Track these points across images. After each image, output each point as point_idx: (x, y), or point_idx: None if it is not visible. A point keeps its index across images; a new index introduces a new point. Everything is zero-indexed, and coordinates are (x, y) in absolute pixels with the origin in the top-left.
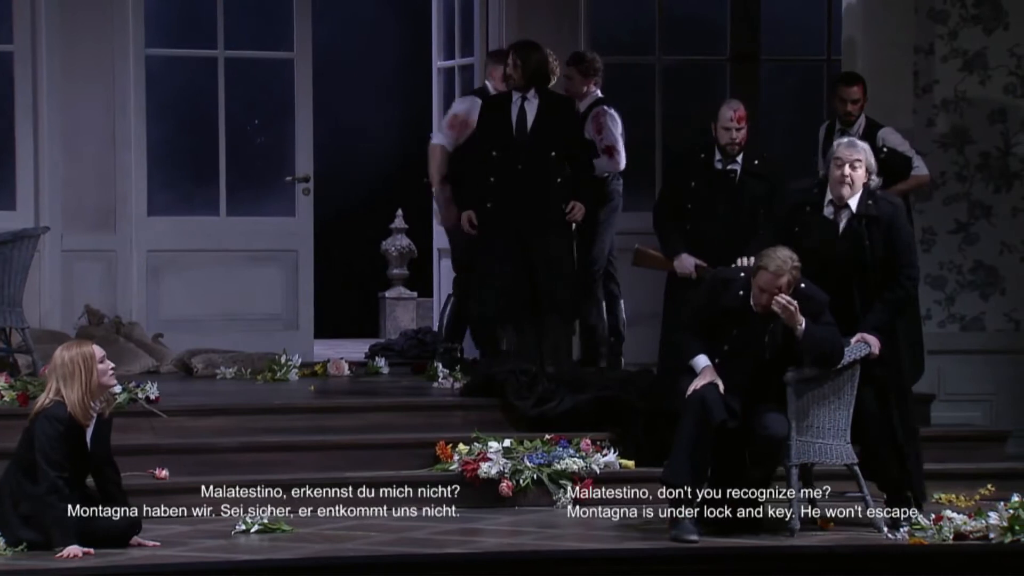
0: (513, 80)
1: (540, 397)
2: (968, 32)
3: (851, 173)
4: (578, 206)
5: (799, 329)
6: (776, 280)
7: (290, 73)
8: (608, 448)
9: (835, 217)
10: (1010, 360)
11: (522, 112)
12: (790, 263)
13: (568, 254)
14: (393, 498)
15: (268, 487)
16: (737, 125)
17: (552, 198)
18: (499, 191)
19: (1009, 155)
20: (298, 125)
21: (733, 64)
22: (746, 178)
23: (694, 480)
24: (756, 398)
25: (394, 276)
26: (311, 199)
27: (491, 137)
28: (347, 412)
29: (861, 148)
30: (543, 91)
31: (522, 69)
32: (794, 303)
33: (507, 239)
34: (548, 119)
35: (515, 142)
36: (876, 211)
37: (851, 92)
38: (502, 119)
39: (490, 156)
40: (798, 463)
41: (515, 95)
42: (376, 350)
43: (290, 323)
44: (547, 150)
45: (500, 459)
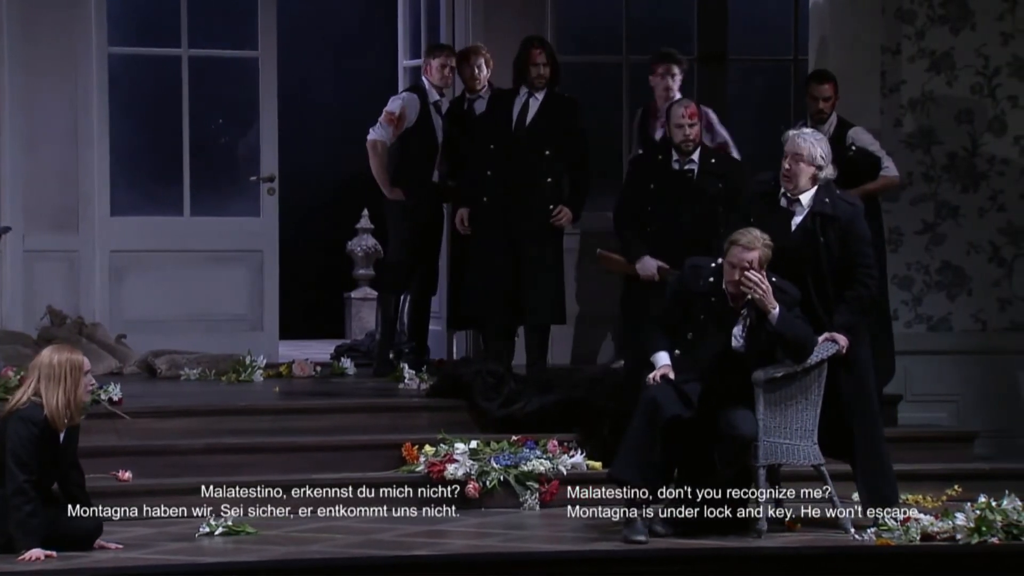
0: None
1: (507, 398)
2: (935, 32)
3: (792, 166)
4: (565, 211)
5: (772, 313)
6: (747, 254)
7: (255, 72)
8: (575, 449)
9: (789, 208)
10: (977, 361)
11: (524, 108)
12: (762, 239)
13: (554, 256)
14: (359, 500)
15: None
16: (689, 122)
17: (540, 198)
18: (494, 186)
19: (976, 155)
20: (263, 124)
21: (700, 64)
22: (704, 177)
23: (643, 478)
24: (724, 392)
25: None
26: (276, 199)
27: (491, 131)
28: (312, 413)
29: (802, 143)
30: (551, 91)
31: (552, 65)
32: (766, 282)
33: (496, 236)
34: (548, 117)
35: (512, 137)
36: (832, 210)
37: (822, 90)
38: (504, 113)
39: (488, 149)
40: (766, 464)
41: (522, 90)
42: (342, 351)
43: (255, 324)
44: (542, 148)
45: (466, 460)
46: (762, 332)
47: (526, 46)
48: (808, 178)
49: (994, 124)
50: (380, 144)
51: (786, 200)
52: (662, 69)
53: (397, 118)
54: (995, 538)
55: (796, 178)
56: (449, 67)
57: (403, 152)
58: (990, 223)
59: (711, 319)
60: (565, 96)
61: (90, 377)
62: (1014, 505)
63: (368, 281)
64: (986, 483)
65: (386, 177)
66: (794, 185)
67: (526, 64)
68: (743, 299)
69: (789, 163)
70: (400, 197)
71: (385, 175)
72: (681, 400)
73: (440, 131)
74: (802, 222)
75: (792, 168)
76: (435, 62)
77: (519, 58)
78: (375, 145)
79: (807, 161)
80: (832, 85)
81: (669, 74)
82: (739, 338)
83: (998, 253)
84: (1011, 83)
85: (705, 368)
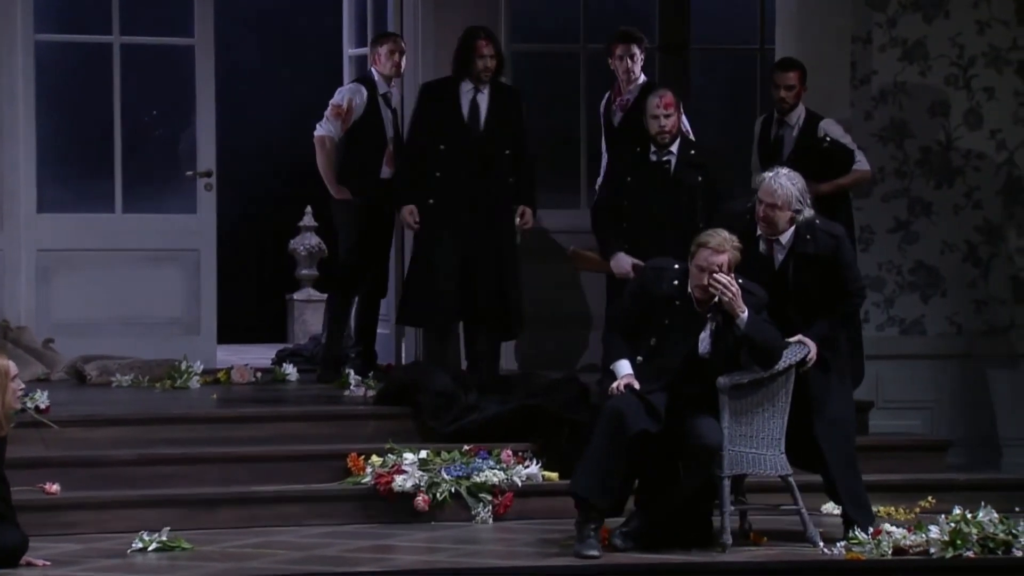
0: (489, 71)
1: (457, 415)
2: (907, 20)
3: (768, 214)
4: (528, 212)
5: (741, 317)
6: (716, 257)
7: (191, 61)
8: (531, 459)
9: (769, 252)
10: (952, 365)
11: (475, 105)
12: (731, 241)
13: (514, 262)
14: (301, 513)
15: (167, 502)
16: (665, 112)
17: (505, 199)
18: (446, 188)
19: (951, 149)
20: (199, 116)
21: (662, 54)
22: (682, 169)
23: (605, 495)
24: (688, 401)
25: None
26: (214, 195)
27: (438, 129)
28: (252, 422)
29: (779, 189)
30: (494, 82)
31: (499, 57)
32: (735, 285)
33: (449, 240)
34: (501, 113)
35: (468, 137)
36: (815, 249)
37: (786, 78)
38: (451, 110)
39: (437, 150)
40: (731, 474)
41: (466, 85)
42: (283, 356)
43: (191, 327)
44: (502, 148)
45: (415, 471)
46: (730, 336)
47: (471, 37)
48: (786, 222)
49: (969, 117)
50: (328, 140)
51: (764, 244)
52: (621, 50)
53: (345, 111)
54: (970, 552)
55: (774, 225)
56: (398, 55)
57: (350, 147)
58: (965, 221)
59: (676, 324)
60: (509, 87)
61: (19, 382)
62: (990, 517)
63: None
64: (961, 494)
65: (333, 175)
66: (772, 231)
67: (471, 56)
68: (710, 303)
69: (765, 211)
70: (347, 196)
71: (332, 173)
72: (647, 412)
73: (390, 125)
74: (783, 263)
75: (768, 215)
76: (383, 50)
77: (463, 49)
78: (323, 141)
79: (783, 207)
80: (798, 74)
81: (629, 55)
82: (706, 344)
83: (974, 252)
84: (987, 74)
85: (670, 376)
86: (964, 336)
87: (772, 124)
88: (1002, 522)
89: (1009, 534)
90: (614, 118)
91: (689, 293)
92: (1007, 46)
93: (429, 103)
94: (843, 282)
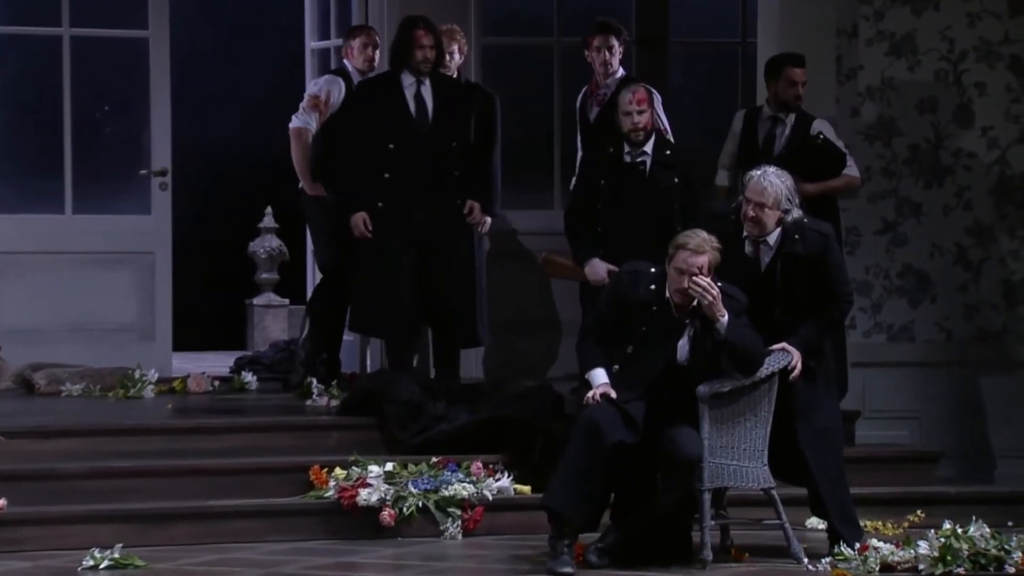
0: (429, 62)
1: (426, 425)
2: (895, 13)
3: (757, 213)
4: (477, 207)
5: (721, 322)
6: (696, 258)
7: (145, 54)
8: (502, 472)
9: (755, 254)
10: (941, 374)
11: (420, 99)
12: (710, 242)
13: (471, 259)
14: (261, 529)
15: (120, 518)
16: (638, 108)
17: (453, 196)
18: (395, 189)
19: (940, 148)
20: (154, 112)
21: (639, 47)
22: (657, 169)
23: (577, 508)
24: (667, 410)
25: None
26: (169, 195)
27: (386, 127)
28: (209, 433)
29: (768, 187)
30: (435, 73)
31: (439, 48)
32: (716, 288)
33: (403, 243)
34: (447, 105)
35: (417, 133)
36: (803, 248)
37: (800, 74)
38: (396, 106)
39: (386, 149)
40: (711, 487)
41: (407, 79)
42: (242, 364)
43: (145, 334)
44: (448, 141)
45: (381, 485)
46: (709, 342)
47: (409, 27)
48: (774, 222)
49: (960, 114)
50: (305, 132)
51: (750, 245)
52: (598, 41)
53: (323, 102)
54: (961, 568)
55: (762, 225)
56: (372, 48)
57: (327, 142)
58: (956, 222)
59: (653, 330)
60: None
61: None
62: (981, 532)
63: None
64: (951, 508)
65: (308, 169)
66: (759, 231)
67: (409, 47)
68: (688, 307)
69: (753, 210)
70: (320, 192)
71: (308, 167)
72: (625, 422)
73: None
74: (770, 264)
75: (756, 215)
76: (356, 43)
77: (401, 40)
78: (299, 133)
79: (772, 207)
80: (805, 71)
81: (607, 47)
82: (685, 351)
83: (964, 255)
84: (978, 69)
85: (649, 384)
86: (954, 343)
87: (759, 120)
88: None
89: (1001, 550)
90: (590, 113)
91: (667, 298)
92: (999, 39)
93: (370, 102)
94: (830, 284)
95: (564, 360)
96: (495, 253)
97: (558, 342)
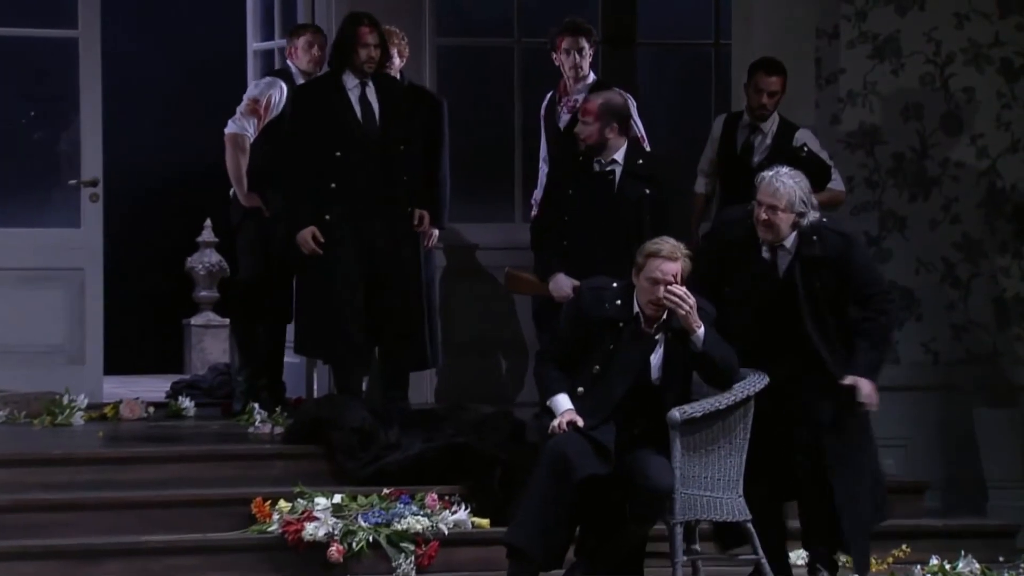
0: (373, 61)
1: (377, 455)
2: (879, 13)
3: (770, 217)
4: (427, 216)
5: (697, 333)
6: (671, 266)
7: (74, 55)
8: (458, 504)
9: (772, 258)
10: (928, 398)
11: (365, 101)
12: (681, 248)
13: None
14: (200, 565)
15: (46, 554)
16: (583, 119)
17: (403, 205)
18: (344, 199)
19: (926, 157)
20: (84, 118)
21: (605, 48)
22: (627, 180)
23: (542, 545)
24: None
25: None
26: (100, 207)
27: (331, 133)
28: (143, 463)
29: (781, 188)
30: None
31: (383, 47)
32: (692, 297)
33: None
34: (393, 107)
35: (364, 138)
36: (822, 250)
37: (770, 83)
38: (341, 110)
39: (333, 157)
40: (683, 520)
41: (350, 80)
42: (179, 388)
43: (75, 356)
44: (397, 146)
45: (329, 518)
46: (685, 356)
47: (352, 24)
48: (788, 226)
49: (947, 121)
50: (242, 138)
51: (767, 249)
52: (567, 43)
53: (262, 107)
54: None
55: (776, 230)
56: (318, 48)
57: (266, 149)
58: (943, 237)
59: (621, 348)
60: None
61: None
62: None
63: (211, 305)
64: (939, 542)
65: (244, 179)
66: (773, 236)
67: (353, 46)
68: (659, 320)
69: (766, 213)
70: (257, 204)
71: (244, 176)
72: (596, 452)
73: None
74: (789, 269)
75: (769, 218)
76: (300, 42)
77: (344, 39)
78: (235, 140)
79: (786, 209)
80: (782, 79)
81: (576, 49)
82: (658, 367)
83: (952, 272)
84: (966, 72)
85: (617, 405)
86: (942, 365)
87: (738, 128)
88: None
89: None
90: (559, 120)
91: (635, 313)
92: (989, 42)
93: (312, 106)
94: (860, 287)
95: (525, 384)
96: (451, 269)
97: (519, 364)
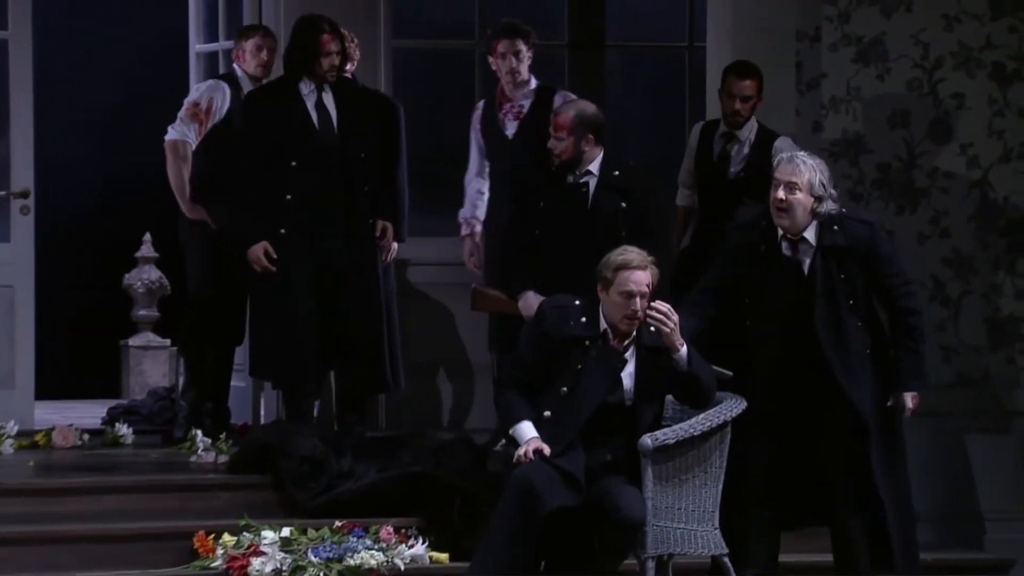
0: (335, 67)
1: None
2: (863, 14)
3: (787, 197)
4: (390, 228)
5: (681, 352)
6: (643, 276)
7: (3, 58)
8: (415, 537)
9: (794, 254)
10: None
11: (322, 107)
12: (647, 257)
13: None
14: None
15: None
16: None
17: (364, 217)
18: (300, 212)
19: (914, 167)
20: (14, 125)
21: (572, 51)
22: (601, 193)
23: None
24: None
25: (140, 319)
26: (31, 220)
27: (286, 142)
28: (78, 494)
29: (801, 166)
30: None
31: (343, 53)
32: (675, 314)
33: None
34: (352, 113)
35: (322, 147)
36: (845, 240)
37: (743, 87)
38: (297, 117)
39: (288, 167)
40: (655, 554)
41: (307, 86)
42: (116, 414)
43: (3, 380)
44: (357, 153)
45: (277, 553)
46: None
47: (313, 31)
48: (806, 212)
49: (936, 128)
50: (182, 145)
51: (788, 245)
52: (504, 46)
53: (204, 111)
54: None
55: (792, 212)
56: (267, 52)
57: (207, 157)
58: (932, 252)
59: (590, 368)
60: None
61: None
62: None
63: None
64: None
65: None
66: (790, 222)
67: (314, 54)
68: (629, 336)
69: (783, 192)
70: (202, 216)
71: (186, 186)
72: (564, 482)
73: None
74: (812, 264)
75: (787, 198)
76: (248, 45)
77: (302, 45)
78: (175, 146)
79: (805, 190)
80: (756, 82)
81: (513, 52)
82: (630, 387)
83: (942, 290)
84: (956, 77)
85: (587, 429)
86: (932, 389)
87: (715, 136)
88: None
89: None
90: (505, 129)
91: (603, 330)
92: (980, 45)
93: (266, 115)
94: (885, 276)
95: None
96: (408, 286)
97: (480, 388)
